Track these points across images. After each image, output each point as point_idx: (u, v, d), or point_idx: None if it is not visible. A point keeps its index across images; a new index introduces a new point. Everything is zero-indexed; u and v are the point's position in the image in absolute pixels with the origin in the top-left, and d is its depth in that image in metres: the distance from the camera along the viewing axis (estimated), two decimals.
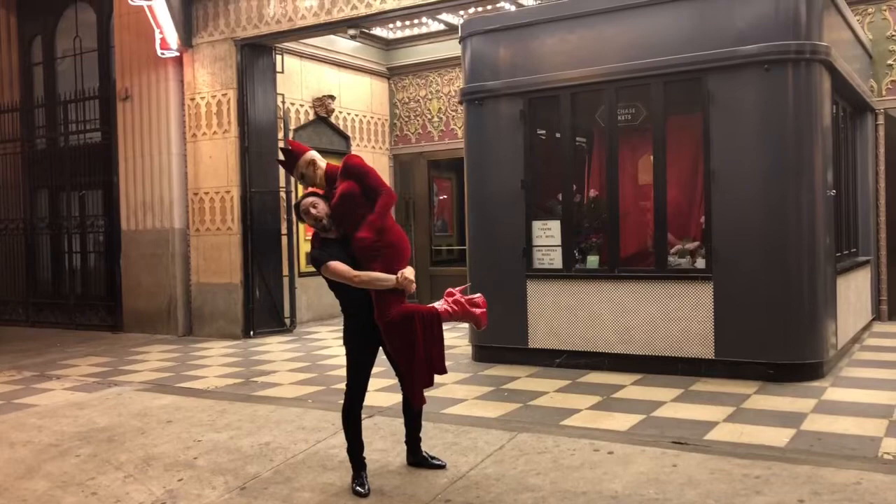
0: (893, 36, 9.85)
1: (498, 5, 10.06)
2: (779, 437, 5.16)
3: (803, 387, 6.48)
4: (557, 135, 8.03)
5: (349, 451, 4.47)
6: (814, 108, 6.86)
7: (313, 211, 4.34)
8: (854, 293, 8.54)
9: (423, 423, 4.77)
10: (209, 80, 10.86)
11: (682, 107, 7.60)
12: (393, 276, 4.22)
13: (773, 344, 6.79)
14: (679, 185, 7.50)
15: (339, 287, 4.35)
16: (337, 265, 4.24)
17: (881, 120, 9.97)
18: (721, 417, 5.67)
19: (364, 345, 4.41)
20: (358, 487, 4.34)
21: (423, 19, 11.99)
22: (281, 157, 4.79)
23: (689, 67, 7.10)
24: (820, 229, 6.89)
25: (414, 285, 4.27)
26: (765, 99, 6.84)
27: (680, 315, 7.16)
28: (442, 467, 4.64)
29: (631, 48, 7.42)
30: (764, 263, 6.83)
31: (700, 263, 7.19)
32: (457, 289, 4.58)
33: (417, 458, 4.70)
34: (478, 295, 4.57)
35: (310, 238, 4.71)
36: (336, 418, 5.82)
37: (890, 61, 9.90)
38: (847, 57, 8.14)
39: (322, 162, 4.58)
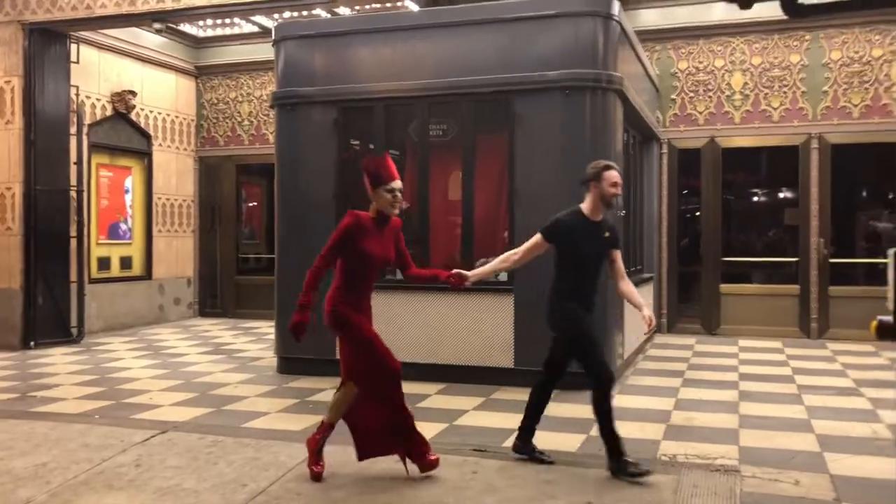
0: (677, 73, 10.83)
1: (314, 12, 9.95)
2: (571, 442, 5.46)
3: None
4: (371, 146, 8.05)
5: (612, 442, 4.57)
6: (608, 134, 7.36)
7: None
8: None
9: (224, 438, 4.55)
10: None
11: (491, 126, 7.87)
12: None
13: None
14: (486, 202, 7.75)
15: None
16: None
17: (665, 149, 10.93)
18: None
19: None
20: (632, 469, 4.50)
21: (235, 19, 11.62)
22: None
23: (497, 88, 7.39)
24: None
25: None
26: (565, 123, 7.25)
27: (483, 326, 7.39)
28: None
29: (443, 65, 7.60)
30: None
31: (503, 277, 7.47)
32: None
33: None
34: None
35: (104, 241, 4.36)
36: (125, 434, 5.45)
37: (673, 95, 10.87)
38: (638, 89, 8.83)
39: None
